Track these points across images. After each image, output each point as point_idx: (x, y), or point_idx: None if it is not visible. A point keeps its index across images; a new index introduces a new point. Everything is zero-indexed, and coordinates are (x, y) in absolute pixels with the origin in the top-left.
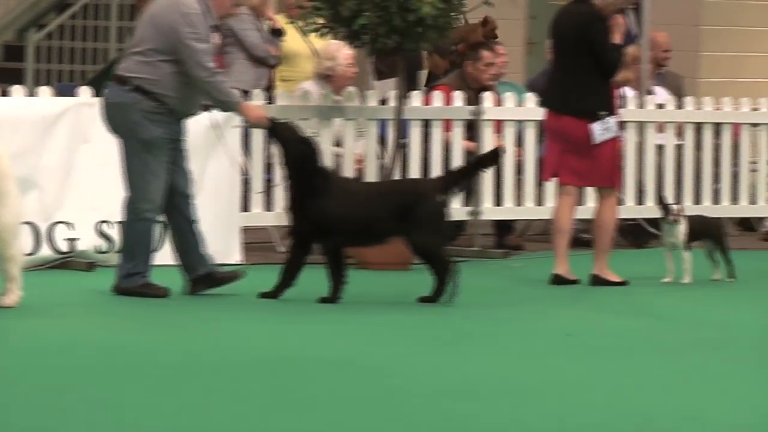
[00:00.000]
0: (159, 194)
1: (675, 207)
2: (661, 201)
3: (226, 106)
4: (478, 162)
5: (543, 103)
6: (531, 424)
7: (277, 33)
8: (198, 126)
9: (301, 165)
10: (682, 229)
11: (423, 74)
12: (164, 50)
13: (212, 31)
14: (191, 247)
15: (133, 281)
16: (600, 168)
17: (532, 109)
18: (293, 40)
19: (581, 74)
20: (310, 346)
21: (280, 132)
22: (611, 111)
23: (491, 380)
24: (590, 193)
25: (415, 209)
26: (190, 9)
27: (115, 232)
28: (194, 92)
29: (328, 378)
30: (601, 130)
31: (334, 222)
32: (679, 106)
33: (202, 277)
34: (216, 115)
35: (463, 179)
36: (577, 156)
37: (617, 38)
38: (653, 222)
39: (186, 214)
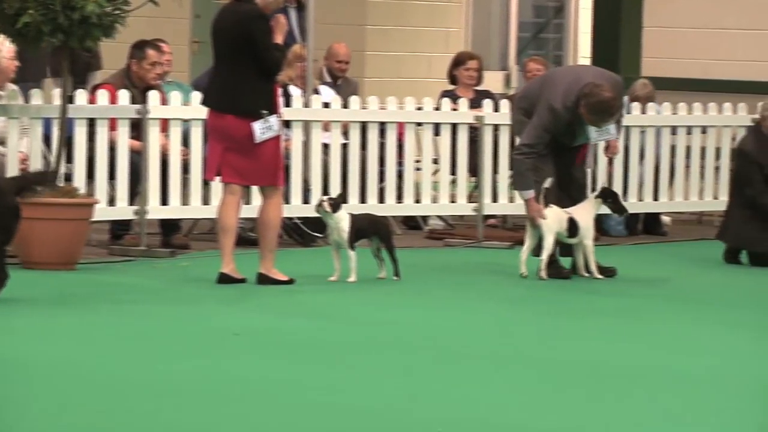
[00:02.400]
0: None
1: (326, 199)
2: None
3: None
4: (44, 175)
5: (205, 102)
6: (188, 423)
7: None
8: None
9: None
10: (344, 225)
11: (96, 74)
12: None
13: None
14: None
15: None
16: (263, 167)
17: (197, 108)
18: None
19: (243, 73)
20: None
21: None
22: (273, 110)
23: (156, 380)
24: (257, 191)
25: None
26: None
27: None
28: None
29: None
30: (262, 128)
31: None
32: (345, 105)
33: None
34: None
35: (36, 185)
36: (239, 155)
37: (279, 38)
38: (318, 222)
39: None
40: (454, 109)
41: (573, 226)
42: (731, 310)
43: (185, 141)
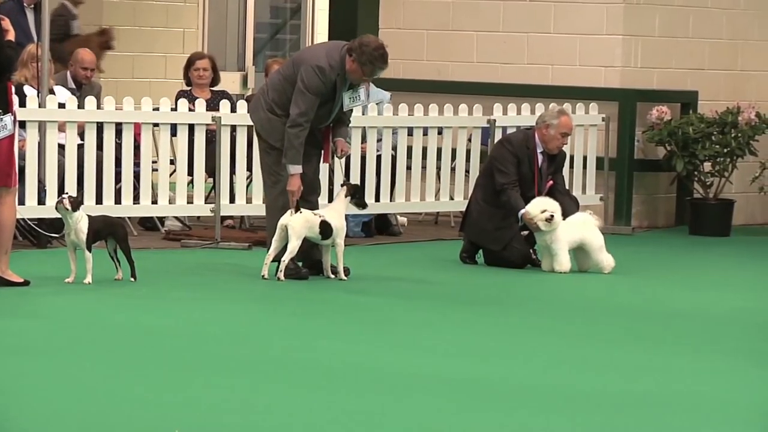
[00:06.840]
0: None
1: (66, 196)
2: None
3: None
4: None
5: None
6: None
7: None
8: None
9: None
10: (82, 226)
11: None
12: None
13: None
14: None
15: None
16: None
17: None
18: None
19: None
20: None
21: None
22: (7, 109)
23: None
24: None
25: None
26: None
27: None
28: None
29: None
30: None
31: None
32: (81, 105)
33: None
34: None
35: None
36: None
37: (10, 34)
38: (53, 223)
39: None
40: (191, 110)
41: (327, 228)
42: (468, 308)
43: None
